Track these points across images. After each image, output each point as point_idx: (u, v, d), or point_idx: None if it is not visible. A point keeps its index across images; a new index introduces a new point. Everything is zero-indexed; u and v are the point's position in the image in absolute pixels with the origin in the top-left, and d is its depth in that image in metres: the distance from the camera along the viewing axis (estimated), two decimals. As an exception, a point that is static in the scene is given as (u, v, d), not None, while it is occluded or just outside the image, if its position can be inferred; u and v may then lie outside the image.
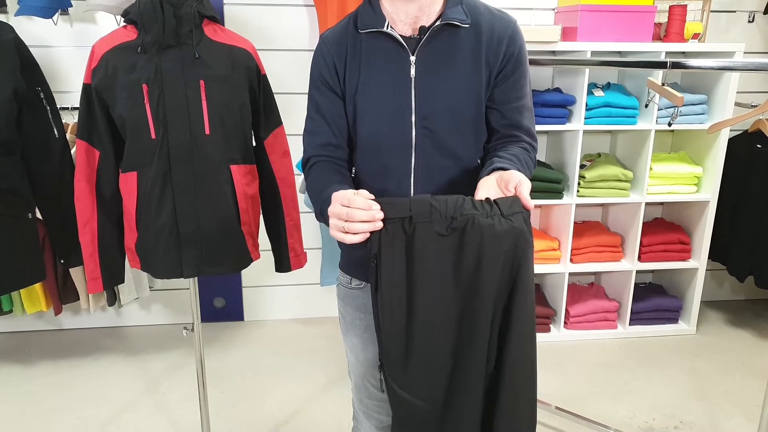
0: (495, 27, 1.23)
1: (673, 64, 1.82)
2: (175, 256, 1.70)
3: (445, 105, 1.22)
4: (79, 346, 2.90)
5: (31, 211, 1.79)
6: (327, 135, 1.28)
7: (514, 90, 1.25)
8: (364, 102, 1.25)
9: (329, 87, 1.27)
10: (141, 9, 1.59)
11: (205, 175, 1.68)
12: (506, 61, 1.23)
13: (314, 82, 1.30)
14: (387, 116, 1.24)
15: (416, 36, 1.22)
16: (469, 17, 1.22)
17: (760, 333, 3.06)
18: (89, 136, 1.70)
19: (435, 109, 1.22)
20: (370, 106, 1.25)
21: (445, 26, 1.21)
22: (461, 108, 1.23)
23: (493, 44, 1.22)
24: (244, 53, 1.71)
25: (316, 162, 1.28)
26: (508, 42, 1.23)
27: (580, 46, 2.66)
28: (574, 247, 2.93)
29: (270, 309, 3.19)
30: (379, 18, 1.23)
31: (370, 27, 1.23)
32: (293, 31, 2.82)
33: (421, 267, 1.08)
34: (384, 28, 1.22)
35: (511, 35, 1.23)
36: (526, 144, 1.27)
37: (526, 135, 1.27)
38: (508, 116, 1.26)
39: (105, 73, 1.62)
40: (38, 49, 2.60)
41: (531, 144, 1.28)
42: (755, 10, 3.03)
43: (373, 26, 1.23)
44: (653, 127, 2.77)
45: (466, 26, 1.22)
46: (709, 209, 2.90)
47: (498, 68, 1.23)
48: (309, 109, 1.32)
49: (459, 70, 1.22)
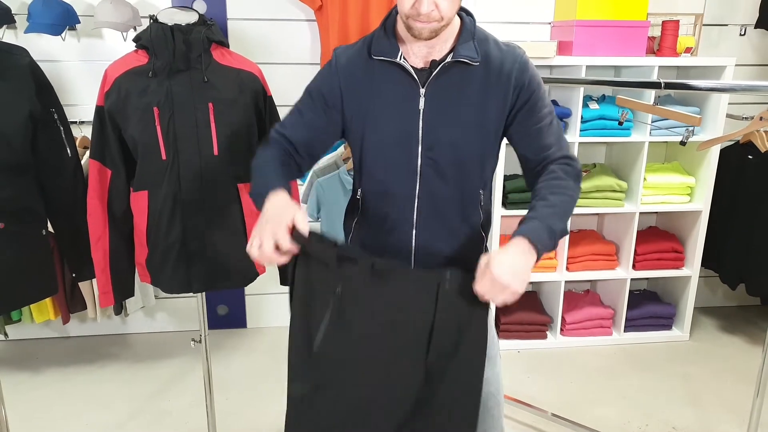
0: (504, 63, 1.28)
1: (666, 84, 1.88)
2: (184, 272, 1.77)
3: (450, 138, 1.27)
4: (86, 353, 2.96)
5: (45, 227, 1.85)
6: (296, 132, 1.33)
7: (533, 115, 1.29)
8: (373, 129, 1.30)
9: (324, 104, 1.32)
10: (152, 35, 1.65)
11: (214, 194, 1.74)
12: (519, 92, 1.28)
13: (312, 92, 1.35)
14: (394, 144, 1.30)
15: (427, 69, 1.28)
16: (480, 54, 1.27)
17: (751, 339, 3.13)
18: (102, 156, 1.76)
19: (440, 142, 1.28)
20: (379, 133, 1.30)
21: (455, 62, 1.26)
22: (466, 141, 1.28)
23: (503, 80, 1.27)
24: (251, 76, 1.77)
25: (276, 143, 1.33)
26: (517, 74, 1.28)
27: (575, 61, 2.73)
28: (570, 256, 3.00)
29: (272, 316, 3.26)
30: (393, 48, 1.28)
31: (383, 56, 1.28)
32: (295, 45, 2.88)
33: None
34: (397, 59, 1.27)
35: (519, 67, 1.28)
36: (561, 167, 1.25)
37: (557, 151, 1.28)
38: (534, 141, 1.29)
39: (117, 97, 1.68)
40: (46, 63, 2.67)
41: (566, 161, 1.26)
42: (746, 24, 3.10)
43: (386, 55, 1.28)
44: (647, 139, 2.84)
45: (476, 64, 1.27)
46: (701, 218, 2.97)
47: (512, 101, 1.28)
48: (295, 106, 1.36)
49: (467, 105, 1.27)
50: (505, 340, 3.04)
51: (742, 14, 3.09)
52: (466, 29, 1.28)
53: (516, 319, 3.04)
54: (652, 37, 2.92)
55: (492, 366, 1.43)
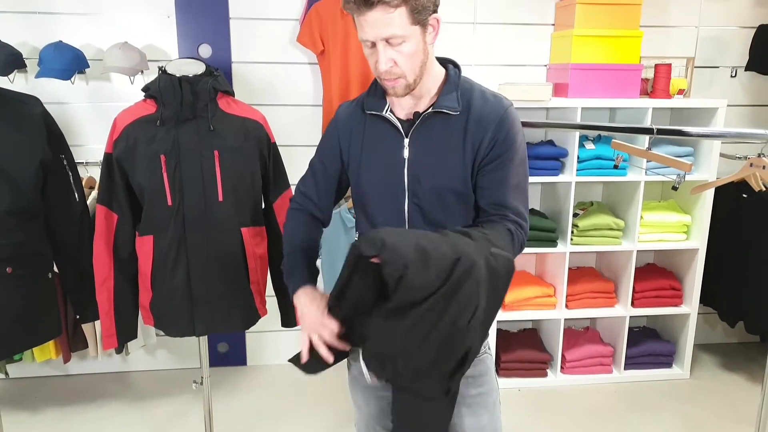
0: (484, 114, 1.32)
1: (659, 131, 1.94)
2: (187, 316, 1.80)
3: (433, 185, 1.34)
4: (86, 392, 2.96)
5: (51, 270, 1.89)
6: (311, 189, 1.48)
7: (500, 171, 1.32)
8: (365, 175, 1.40)
9: (329, 157, 1.46)
10: (161, 86, 1.72)
11: (218, 238, 1.78)
12: (492, 144, 1.32)
13: (320, 147, 1.49)
14: (383, 190, 1.38)
15: (411, 120, 1.35)
16: (461, 104, 1.33)
17: (751, 377, 3.13)
18: (109, 201, 1.80)
19: (424, 188, 1.34)
20: (370, 180, 1.40)
21: (436, 113, 1.33)
22: (449, 187, 1.34)
23: (480, 130, 1.32)
24: (256, 124, 1.83)
25: (296, 209, 1.50)
26: (495, 129, 1.31)
27: (571, 103, 2.80)
28: (569, 294, 3.02)
29: (272, 354, 3.26)
30: (382, 102, 1.38)
31: (373, 110, 1.38)
32: (298, 87, 2.96)
33: None
34: (383, 112, 1.36)
35: (499, 122, 1.32)
36: (510, 223, 1.30)
37: (513, 213, 1.32)
38: (493, 196, 1.33)
39: (126, 145, 1.74)
40: (54, 105, 2.73)
41: (518, 223, 1.31)
42: (737, 66, 3.18)
43: (375, 110, 1.38)
44: (642, 179, 2.89)
45: (456, 113, 1.33)
46: (698, 256, 3.00)
47: (484, 152, 1.32)
48: (310, 162, 1.51)
49: (447, 152, 1.33)
50: (506, 379, 3.04)
51: (732, 57, 3.18)
52: (450, 81, 1.35)
53: (516, 357, 3.04)
54: (646, 79, 3.00)
55: (491, 413, 1.44)
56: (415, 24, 1.23)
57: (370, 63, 1.29)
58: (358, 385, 1.52)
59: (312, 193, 1.47)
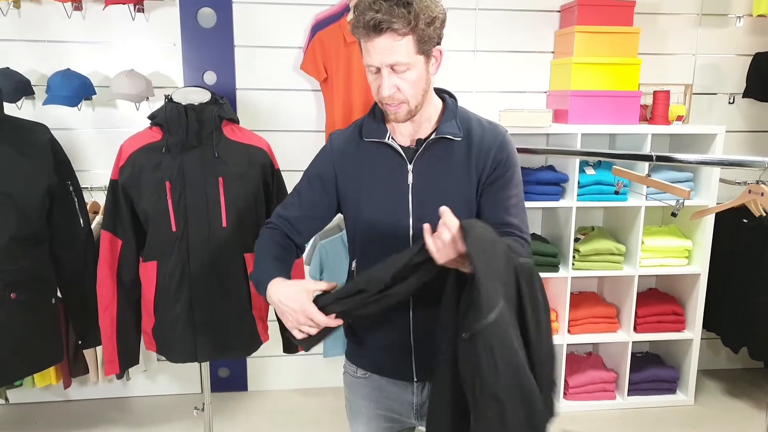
0: (485, 139, 1.37)
1: (658, 157, 1.96)
2: (190, 343, 1.80)
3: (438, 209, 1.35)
4: (86, 418, 2.94)
5: (54, 295, 1.90)
6: (292, 213, 1.44)
7: (502, 191, 1.37)
8: (367, 205, 1.39)
9: (320, 184, 1.44)
10: (167, 114, 1.75)
11: (221, 264, 1.79)
12: (495, 166, 1.36)
13: (309, 174, 1.47)
14: (387, 218, 1.38)
15: (413, 147, 1.37)
16: (462, 131, 1.37)
17: (756, 403, 3.10)
18: (114, 227, 1.82)
19: (429, 213, 1.34)
20: (372, 208, 1.39)
21: (439, 139, 1.36)
22: (453, 210, 1.35)
23: (483, 154, 1.36)
24: (260, 151, 1.85)
25: (271, 228, 1.44)
26: (496, 151, 1.36)
27: (570, 129, 2.83)
28: (571, 319, 3.01)
29: (273, 379, 3.24)
30: (382, 129, 1.39)
31: (373, 137, 1.39)
32: (301, 113, 3.00)
33: None
34: (385, 139, 1.38)
35: (499, 145, 1.37)
36: (516, 237, 1.34)
37: (517, 230, 1.36)
38: (496, 215, 1.36)
39: (132, 172, 1.76)
40: (61, 131, 2.76)
41: (522, 237, 1.35)
42: (735, 93, 3.22)
43: (376, 137, 1.39)
44: (643, 204, 2.90)
45: (459, 139, 1.36)
46: (700, 281, 3.00)
47: (487, 174, 1.36)
48: (294, 189, 1.48)
49: (451, 177, 1.36)
50: (508, 405, 3.01)
51: (730, 84, 3.22)
52: (448, 109, 1.39)
53: (519, 382, 3.02)
54: (645, 106, 3.04)
55: None
56: (419, 53, 1.26)
57: (373, 88, 1.31)
58: (360, 417, 1.51)
59: (292, 217, 1.44)
